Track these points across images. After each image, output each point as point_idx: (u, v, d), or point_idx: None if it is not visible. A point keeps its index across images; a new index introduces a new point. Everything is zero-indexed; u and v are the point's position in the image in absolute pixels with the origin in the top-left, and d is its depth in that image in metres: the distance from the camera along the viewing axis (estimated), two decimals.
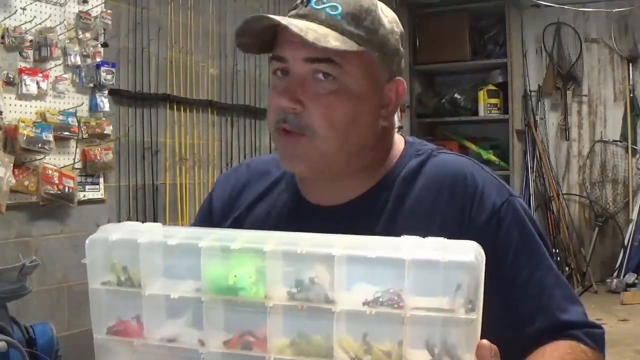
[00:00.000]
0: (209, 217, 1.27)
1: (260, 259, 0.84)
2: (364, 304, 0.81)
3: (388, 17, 1.12)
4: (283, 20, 1.05)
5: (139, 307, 0.89)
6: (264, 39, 1.10)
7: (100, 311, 0.91)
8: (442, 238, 0.84)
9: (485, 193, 1.11)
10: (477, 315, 0.81)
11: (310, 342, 0.83)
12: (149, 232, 0.90)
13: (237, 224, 1.22)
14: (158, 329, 0.89)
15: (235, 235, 0.88)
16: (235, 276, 0.85)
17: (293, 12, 1.10)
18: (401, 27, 1.16)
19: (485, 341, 0.82)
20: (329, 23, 1.06)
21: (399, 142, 1.20)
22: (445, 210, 1.11)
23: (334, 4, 1.07)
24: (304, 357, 0.83)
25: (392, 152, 1.18)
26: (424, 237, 0.85)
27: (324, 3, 1.07)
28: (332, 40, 1.04)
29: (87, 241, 0.90)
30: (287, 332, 0.84)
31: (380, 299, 0.81)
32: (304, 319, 0.83)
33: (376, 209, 1.13)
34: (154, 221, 3.55)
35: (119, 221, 3.40)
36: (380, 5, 1.13)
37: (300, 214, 1.18)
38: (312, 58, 1.06)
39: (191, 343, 0.87)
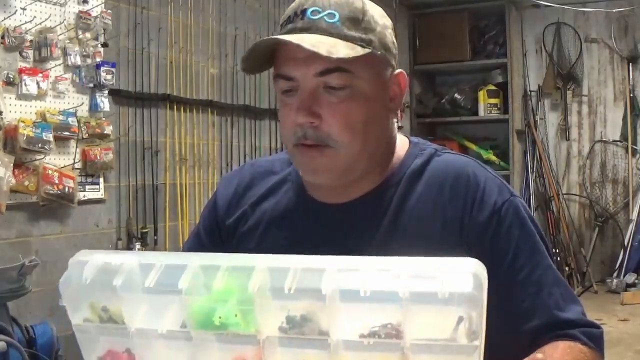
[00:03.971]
0: (214, 216, 1.28)
1: (246, 296, 0.82)
2: (360, 336, 0.79)
3: (377, 12, 1.12)
4: (292, 38, 1.04)
5: (127, 341, 0.88)
6: (265, 57, 1.10)
7: (88, 343, 0.90)
8: (440, 258, 0.80)
9: (487, 192, 1.13)
10: (480, 342, 0.78)
11: None
12: (123, 268, 0.87)
13: (242, 220, 1.24)
14: (151, 358, 0.88)
15: (217, 263, 0.86)
16: (220, 317, 0.83)
17: (289, 26, 1.09)
18: (390, 20, 1.16)
19: None
20: (331, 32, 1.06)
21: (403, 142, 1.22)
22: (447, 209, 1.12)
23: (330, 11, 1.07)
24: None
25: (397, 152, 1.19)
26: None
27: (319, 13, 1.07)
28: (342, 49, 1.04)
29: (60, 281, 0.88)
30: (284, 358, 0.83)
31: (378, 333, 0.79)
32: (300, 346, 0.82)
33: (381, 208, 1.14)
34: (154, 221, 3.57)
35: (119, 221, 3.41)
36: (366, 1, 1.12)
37: (306, 212, 1.19)
38: (323, 71, 1.05)
39: None
